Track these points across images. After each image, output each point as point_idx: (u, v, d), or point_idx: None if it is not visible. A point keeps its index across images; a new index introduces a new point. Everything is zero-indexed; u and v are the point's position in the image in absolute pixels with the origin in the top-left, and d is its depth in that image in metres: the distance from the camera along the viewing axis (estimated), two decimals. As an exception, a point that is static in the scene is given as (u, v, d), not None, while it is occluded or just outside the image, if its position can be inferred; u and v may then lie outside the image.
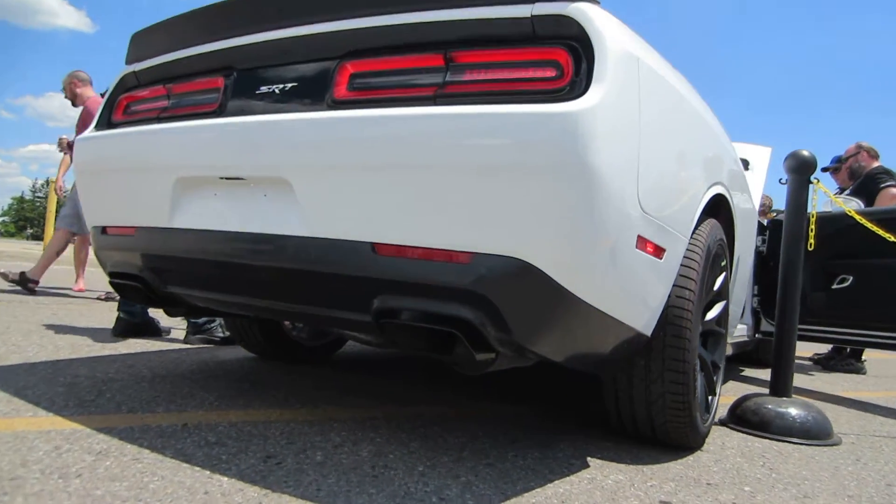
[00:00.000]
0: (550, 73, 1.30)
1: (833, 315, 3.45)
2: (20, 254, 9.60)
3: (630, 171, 1.33)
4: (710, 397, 2.06)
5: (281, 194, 1.50)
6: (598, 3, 1.38)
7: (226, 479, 1.32)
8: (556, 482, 1.50)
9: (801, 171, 2.42)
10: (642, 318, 1.57)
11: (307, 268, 1.46)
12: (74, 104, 5.01)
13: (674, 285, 1.70)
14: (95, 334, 3.10)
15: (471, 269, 1.28)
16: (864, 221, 2.90)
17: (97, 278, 6.38)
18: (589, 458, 1.72)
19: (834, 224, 3.35)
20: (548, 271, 1.25)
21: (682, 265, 1.72)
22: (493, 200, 1.25)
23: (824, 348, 4.84)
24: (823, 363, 4.66)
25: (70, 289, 5.44)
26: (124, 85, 2.05)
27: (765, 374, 4.15)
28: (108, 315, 3.94)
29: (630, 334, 1.55)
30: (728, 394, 2.98)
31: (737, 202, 2.31)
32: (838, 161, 4.78)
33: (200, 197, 1.67)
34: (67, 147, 5.14)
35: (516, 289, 1.27)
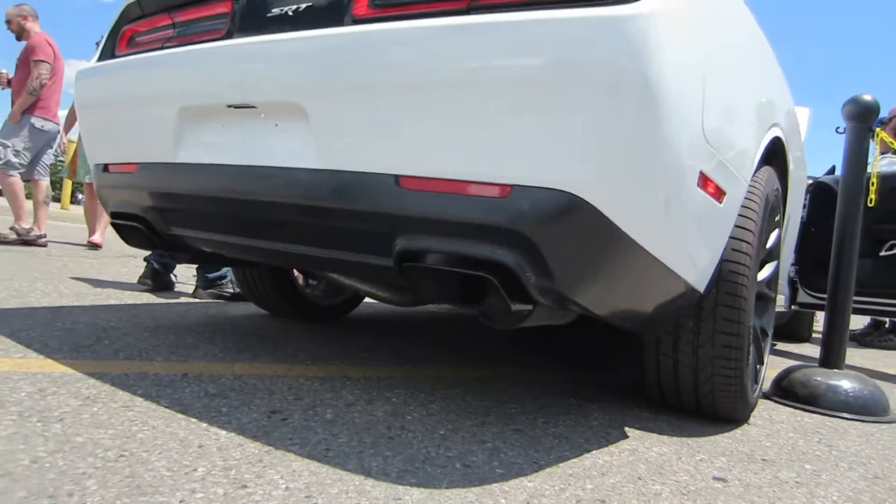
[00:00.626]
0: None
1: (880, 285, 3.22)
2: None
3: (696, 91, 1.14)
4: (758, 366, 1.88)
5: (294, 123, 1.32)
6: None
7: (224, 432, 1.18)
8: (595, 452, 1.34)
9: (861, 118, 2.19)
10: (696, 269, 1.38)
11: (322, 204, 1.29)
12: (19, 39, 4.81)
13: (730, 237, 1.51)
14: (105, 284, 2.99)
15: (509, 203, 1.10)
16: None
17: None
18: (627, 429, 1.55)
19: (883, 184, 3.10)
20: (600, 206, 1.07)
21: (740, 214, 1.53)
22: (537, 123, 1.06)
23: (861, 322, 4.61)
24: (859, 339, 4.44)
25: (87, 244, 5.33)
26: (128, 15, 1.87)
27: (800, 349, 3.96)
28: (120, 269, 3.83)
29: (682, 288, 1.37)
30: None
31: (792, 150, 2.10)
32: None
33: (206, 129, 1.50)
34: (7, 83, 4.93)
35: (562, 227, 1.09)
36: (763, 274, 1.92)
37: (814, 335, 4.51)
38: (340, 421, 1.33)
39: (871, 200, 2.63)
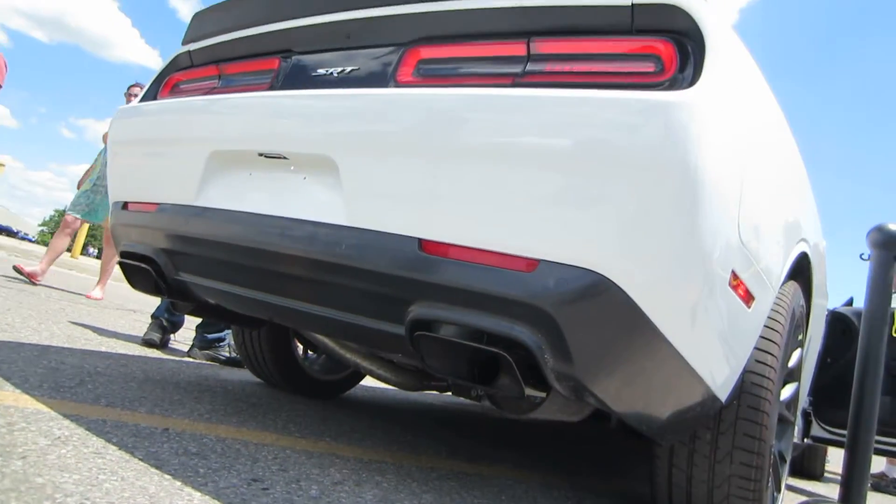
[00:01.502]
0: (650, 67, 1.12)
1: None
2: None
3: (735, 185, 1.12)
4: (775, 494, 1.75)
5: (323, 177, 1.31)
6: None
7: (198, 494, 1.07)
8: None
9: (887, 246, 2.17)
10: (720, 376, 1.31)
11: (340, 261, 1.25)
12: None
13: (755, 347, 1.44)
14: (98, 332, 2.91)
15: (534, 278, 1.05)
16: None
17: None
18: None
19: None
20: (629, 291, 1.02)
21: (766, 325, 1.47)
22: (571, 198, 1.04)
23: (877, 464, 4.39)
24: (872, 483, 4.21)
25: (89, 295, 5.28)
26: (177, 65, 1.94)
27: (813, 486, 3.74)
28: (118, 320, 3.76)
29: (703, 393, 1.29)
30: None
31: (816, 271, 2.06)
32: None
33: (233, 175, 1.50)
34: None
35: (587, 308, 1.04)
36: (784, 394, 1.83)
37: (826, 474, 4.29)
38: (325, 499, 1.22)
39: (895, 331, 2.57)
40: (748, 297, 1.29)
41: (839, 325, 3.34)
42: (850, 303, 3.71)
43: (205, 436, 1.47)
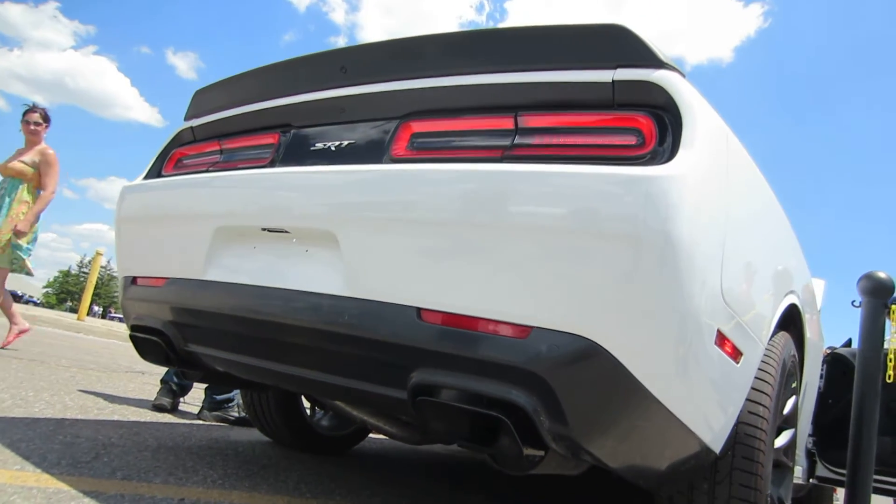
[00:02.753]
0: (631, 140, 1.21)
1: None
2: (53, 320, 9.67)
3: (716, 251, 1.20)
4: (777, 540, 1.78)
5: (324, 250, 1.40)
6: (684, 74, 1.32)
7: (217, 566, 1.12)
8: None
9: (877, 293, 2.24)
10: (712, 428, 1.36)
11: (343, 331, 1.32)
12: None
13: (747, 399, 1.50)
14: (109, 399, 2.96)
15: (528, 345, 1.12)
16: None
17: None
18: None
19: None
20: (617, 355, 1.09)
21: (756, 377, 1.53)
22: (561, 269, 1.12)
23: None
24: None
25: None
26: (179, 140, 2.05)
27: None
28: (128, 384, 3.81)
29: (696, 447, 1.34)
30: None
31: (808, 319, 2.12)
32: None
33: (239, 249, 1.58)
34: None
35: (580, 373, 1.11)
36: (780, 441, 1.87)
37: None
38: (337, 564, 1.26)
39: (889, 377, 2.62)
40: (735, 353, 1.35)
41: (839, 366, 3.37)
42: (848, 343, 3.74)
43: (219, 503, 1.52)
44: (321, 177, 1.43)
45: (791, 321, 1.94)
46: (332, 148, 1.55)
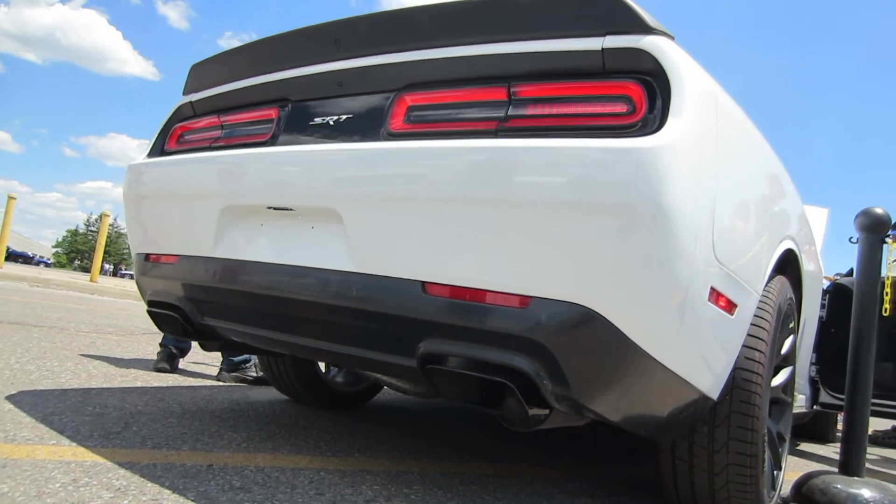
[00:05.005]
0: (621, 108, 1.23)
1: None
2: (66, 283, 9.83)
3: (706, 214, 1.23)
4: (775, 472, 1.87)
5: (329, 227, 1.43)
6: (673, 38, 1.31)
7: (249, 529, 1.21)
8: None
9: (874, 229, 2.26)
10: (709, 379, 1.43)
11: (351, 305, 1.38)
12: None
13: (743, 346, 1.56)
14: (131, 364, 3.07)
15: (528, 314, 1.17)
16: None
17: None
18: (644, 534, 1.55)
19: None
20: (614, 321, 1.14)
21: (752, 324, 1.58)
22: (556, 241, 1.15)
23: (883, 424, 4.50)
24: (880, 440, 4.34)
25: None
26: (180, 115, 2.06)
27: (823, 449, 3.86)
28: (146, 347, 3.93)
29: (695, 396, 1.41)
30: (786, 467, 2.74)
31: (805, 260, 2.16)
32: None
33: (246, 227, 1.62)
34: None
35: (578, 338, 1.16)
36: (778, 379, 1.95)
37: (839, 434, 4.40)
38: (360, 519, 1.36)
39: (885, 310, 2.67)
40: (730, 306, 1.40)
41: (841, 295, 3.43)
42: (850, 273, 3.79)
43: (245, 467, 1.61)
44: (321, 155, 1.45)
45: (788, 264, 1.98)
46: (331, 122, 1.56)
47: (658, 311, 1.19)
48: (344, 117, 1.55)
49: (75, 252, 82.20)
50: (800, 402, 3.12)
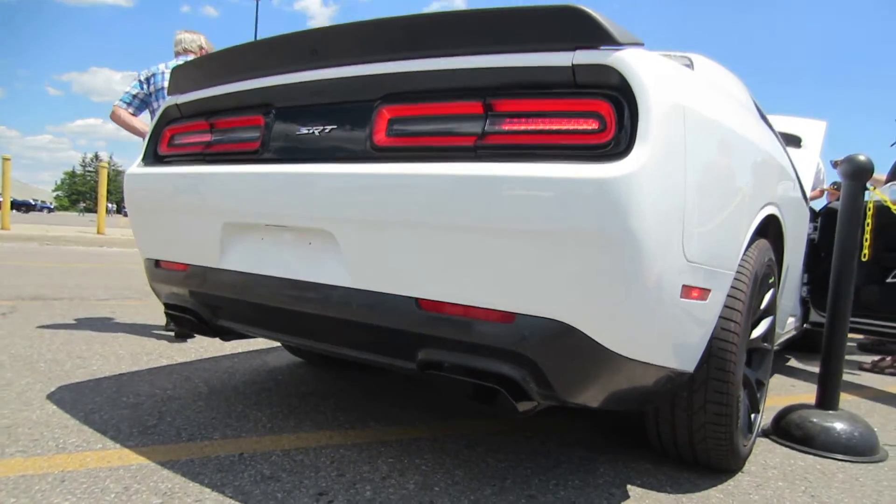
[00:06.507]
0: (593, 124, 1.28)
1: (885, 309, 3.36)
2: (76, 238, 10.01)
3: (675, 227, 1.32)
4: (753, 415, 2.06)
5: (325, 244, 1.53)
6: (643, 44, 1.35)
7: (283, 523, 1.40)
8: (598, 520, 1.54)
9: (856, 176, 2.33)
10: (685, 357, 1.57)
11: (352, 318, 1.51)
12: None
13: (719, 317, 1.68)
14: (152, 334, 3.26)
15: (514, 329, 1.30)
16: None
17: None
18: (629, 486, 1.75)
19: (891, 215, 3.24)
20: (589, 333, 1.26)
21: (728, 295, 1.69)
22: (534, 263, 1.26)
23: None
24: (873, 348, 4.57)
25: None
26: (168, 116, 2.11)
27: (812, 365, 4.09)
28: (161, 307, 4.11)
29: (672, 374, 1.56)
30: (773, 388, 2.96)
31: (788, 216, 2.25)
32: None
33: (248, 240, 1.72)
34: None
35: (558, 349, 1.29)
36: (758, 331, 2.09)
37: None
38: (378, 499, 1.55)
39: (864, 255, 2.78)
40: (703, 294, 1.51)
41: (832, 219, 3.53)
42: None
43: (272, 452, 1.80)
44: (312, 179, 1.52)
45: (769, 227, 2.07)
46: (317, 133, 1.62)
47: (630, 319, 1.31)
48: (329, 128, 1.60)
49: (76, 194, 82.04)
50: (791, 323, 3.31)
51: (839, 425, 2.24)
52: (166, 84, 3.67)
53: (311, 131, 1.64)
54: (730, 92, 2.22)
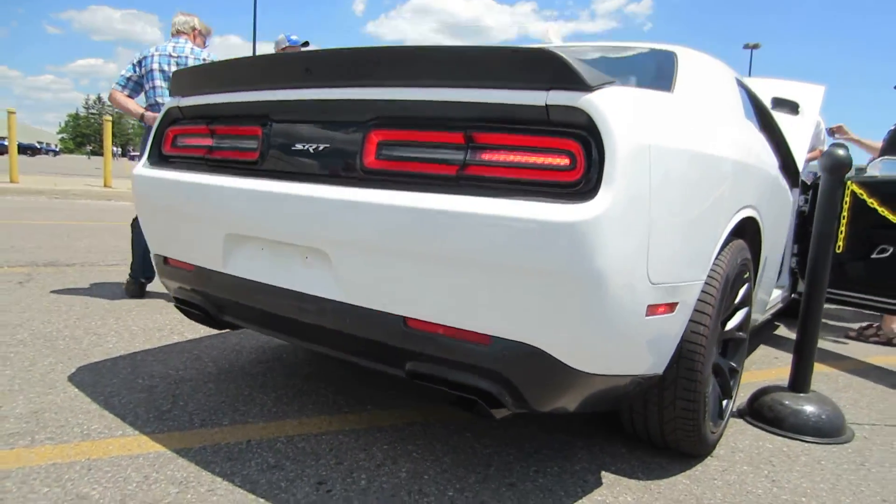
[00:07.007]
0: (565, 161, 1.37)
1: (868, 283, 3.47)
2: (84, 192, 10.13)
3: (639, 260, 1.42)
4: (725, 401, 2.20)
5: (320, 260, 1.65)
6: (614, 82, 1.41)
7: (286, 513, 1.58)
8: (569, 508, 1.71)
9: (834, 171, 2.40)
10: (654, 363, 1.69)
11: (345, 330, 1.64)
12: None
13: (689, 321, 1.79)
14: (162, 311, 3.42)
15: (490, 350, 1.42)
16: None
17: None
18: (603, 473, 1.91)
19: (880, 189, 3.31)
20: (556, 355, 1.39)
21: (698, 300, 1.80)
22: (507, 293, 1.37)
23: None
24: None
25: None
26: (170, 117, 2.19)
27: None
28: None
29: (642, 378, 1.69)
30: (756, 361, 3.11)
31: (768, 212, 2.33)
32: None
33: (249, 251, 1.83)
34: None
35: (530, 369, 1.42)
36: (733, 322, 2.21)
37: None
38: (372, 488, 1.72)
39: (838, 247, 2.86)
40: (670, 308, 1.63)
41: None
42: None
43: (277, 439, 1.97)
44: (307, 202, 1.60)
45: (746, 226, 2.16)
46: (311, 150, 1.70)
47: (597, 342, 1.43)
48: (322, 146, 1.69)
49: (81, 136, 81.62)
50: (778, 296, 3.43)
51: (809, 408, 2.39)
52: (155, 66, 3.76)
53: (306, 147, 1.72)
54: (711, 94, 2.26)
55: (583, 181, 1.35)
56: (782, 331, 4.25)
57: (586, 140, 1.35)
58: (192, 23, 3.85)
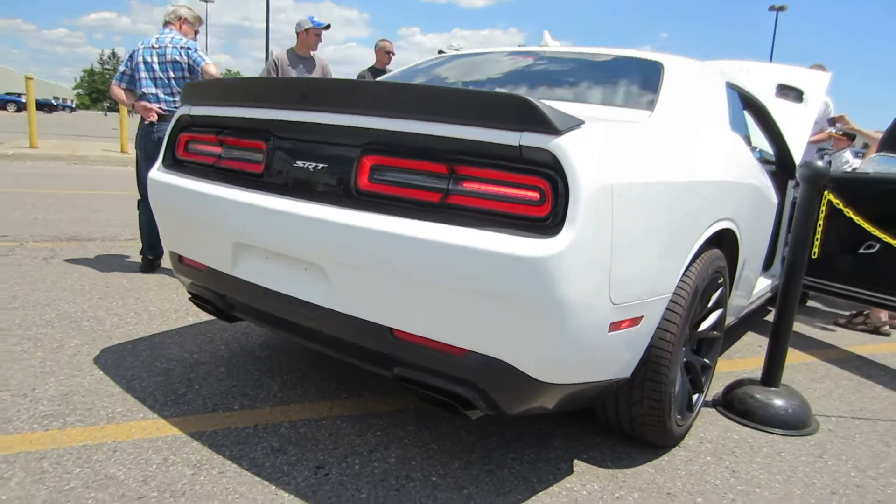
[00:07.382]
0: (536, 196, 1.52)
1: (854, 277, 3.59)
2: (102, 157, 10.34)
3: (601, 286, 1.57)
4: (696, 395, 2.37)
5: (317, 272, 1.82)
6: (581, 125, 1.54)
7: (287, 495, 1.79)
8: (540, 494, 1.91)
9: (812, 181, 2.51)
10: (620, 369, 1.86)
11: (340, 336, 1.82)
12: None
13: (657, 328, 1.95)
14: (175, 292, 3.64)
15: (465, 361, 1.60)
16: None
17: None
18: (576, 462, 2.11)
19: (868, 187, 3.41)
20: (523, 369, 1.56)
21: (666, 309, 1.95)
22: (480, 314, 1.54)
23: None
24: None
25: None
26: (181, 122, 2.35)
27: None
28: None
29: (609, 382, 1.86)
30: (741, 349, 3.27)
31: (746, 220, 2.45)
32: None
33: (255, 258, 2.00)
34: None
35: (499, 379, 1.60)
36: (707, 323, 2.36)
37: (808, 303, 4.91)
38: (364, 473, 1.93)
39: (814, 253, 2.97)
40: (634, 322, 1.78)
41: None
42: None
43: (281, 424, 2.19)
44: (305, 221, 1.76)
45: (723, 235, 2.29)
46: (311, 168, 1.85)
47: (562, 358, 1.60)
48: (321, 166, 1.84)
49: (96, 92, 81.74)
50: (766, 286, 3.56)
51: (777, 401, 2.56)
52: (140, 59, 3.94)
53: (305, 165, 1.87)
54: (695, 110, 2.36)
55: (550, 216, 1.49)
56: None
57: (554, 179, 1.50)
58: (178, 13, 3.99)
